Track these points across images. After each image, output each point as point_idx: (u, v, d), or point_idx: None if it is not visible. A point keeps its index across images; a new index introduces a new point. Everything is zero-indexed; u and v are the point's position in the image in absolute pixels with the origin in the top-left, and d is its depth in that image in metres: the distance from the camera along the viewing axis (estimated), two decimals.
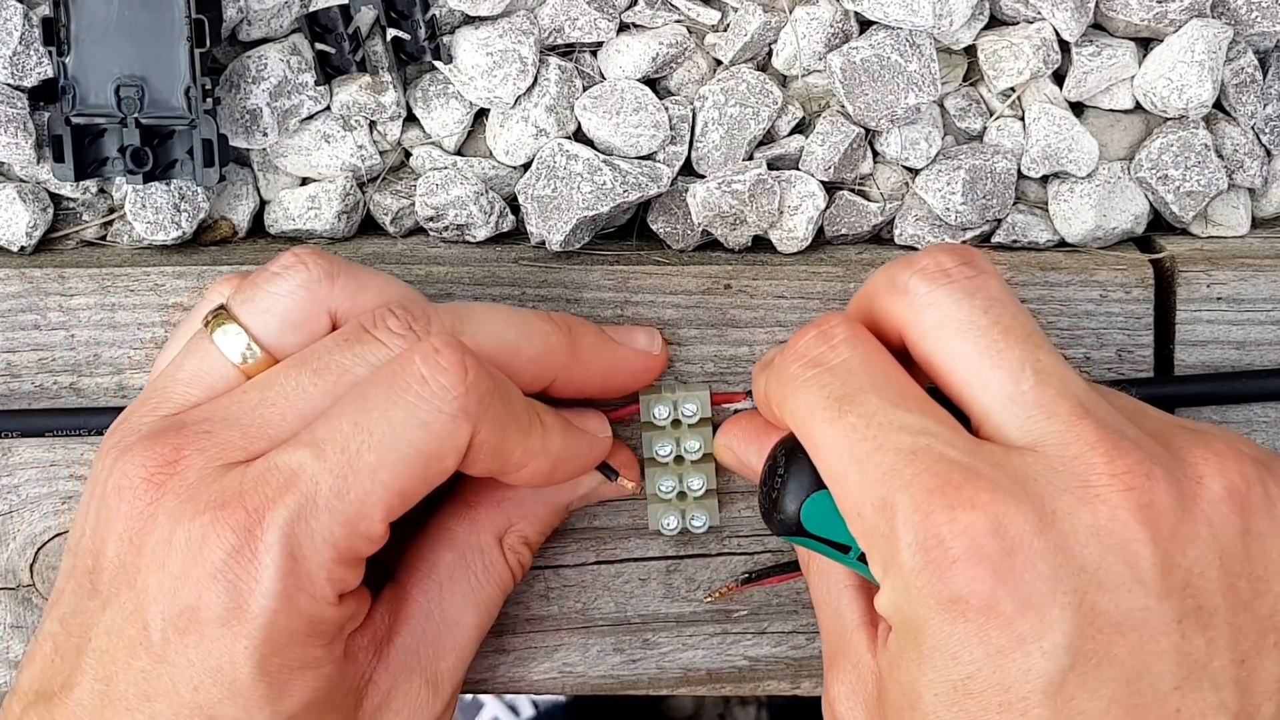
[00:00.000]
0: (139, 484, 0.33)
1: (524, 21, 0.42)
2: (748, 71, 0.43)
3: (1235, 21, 0.43)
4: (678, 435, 0.41)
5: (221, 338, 0.36)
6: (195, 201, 0.43)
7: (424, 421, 0.33)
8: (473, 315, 0.36)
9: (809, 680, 0.43)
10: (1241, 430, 0.42)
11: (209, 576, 0.32)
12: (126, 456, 0.34)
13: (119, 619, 0.33)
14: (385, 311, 0.35)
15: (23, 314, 0.42)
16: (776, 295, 0.42)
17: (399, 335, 0.35)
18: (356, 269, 0.37)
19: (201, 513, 0.32)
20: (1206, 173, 0.43)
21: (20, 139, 0.42)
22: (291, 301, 0.36)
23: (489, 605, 0.39)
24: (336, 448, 0.33)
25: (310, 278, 0.36)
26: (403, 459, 0.33)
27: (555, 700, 1.15)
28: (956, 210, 0.43)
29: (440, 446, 0.33)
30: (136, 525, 0.33)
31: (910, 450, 0.32)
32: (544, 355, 0.37)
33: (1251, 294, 0.42)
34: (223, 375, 0.36)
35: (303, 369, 0.35)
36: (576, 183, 0.42)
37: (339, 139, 0.44)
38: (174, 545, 0.33)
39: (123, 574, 0.33)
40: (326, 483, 0.33)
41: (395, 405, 0.33)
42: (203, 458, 0.33)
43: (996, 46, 0.43)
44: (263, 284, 0.36)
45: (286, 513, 0.32)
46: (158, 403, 0.36)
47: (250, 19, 0.42)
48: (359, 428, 0.33)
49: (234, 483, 0.33)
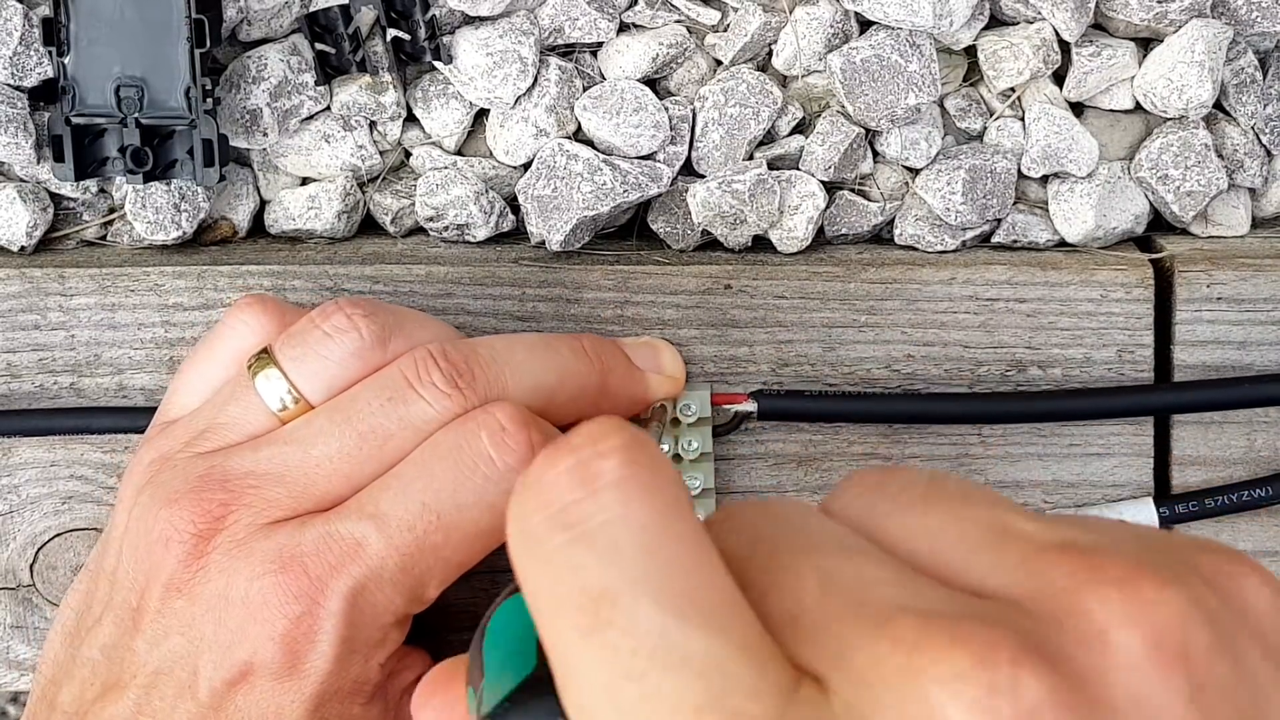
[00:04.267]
0: (188, 537, 0.34)
1: (524, 22, 0.42)
2: (748, 72, 0.43)
3: (1235, 21, 0.43)
4: (676, 434, 0.41)
5: (264, 384, 0.35)
6: (195, 201, 0.43)
7: (491, 504, 0.33)
8: (513, 360, 0.36)
9: None
10: (1242, 431, 0.42)
11: (268, 638, 0.33)
12: (173, 508, 0.34)
13: (168, 661, 0.33)
14: (428, 362, 0.35)
15: (23, 314, 0.42)
16: (776, 295, 0.42)
17: (444, 394, 0.35)
18: (405, 323, 0.36)
19: (261, 575, 0.33)
20: (1206, 173, 0.43)
21: (20, 139, 0.42)
22: (341, 370, 0.35)
23: None
24: (404, 526, 0.33)
25: (364, 345, 0.36)
26: (467, 538, 0.34)
27: None
28: (956, 210, 0.43)
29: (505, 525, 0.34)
30: (186, 576, 0.34)
31: (694, 706, 0.19)
32: (578, 397, 0.37)
33: (1251, 294, 0.42)
34: (259, 422, 0.36)
35: (346, 429, 0.34)
36: (576, 183, 0.42)
37: (339, 139, 0.43)
38: (231, 601, 0.33)
39: (174, 619, 0.34)
40: (393, 560, 0.33)
41: (463, 488, 0.33)
42: (249, 514, 0.34)
43: (996, 46, 0.43)
44: (313, 345, 0.36)
45: (350, 583, 0.33)
46: (191, 439, 0.36)
47: (250, 19, 0.42)
48: (426, 509, 0.33)
49: (290, 543, 0.33)
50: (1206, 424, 0.42)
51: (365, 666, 0.34)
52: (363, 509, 0.34)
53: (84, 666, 0.35)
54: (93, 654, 0.35)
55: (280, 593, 0.33)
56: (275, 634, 0.33)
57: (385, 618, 0.34)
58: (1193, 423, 0.42)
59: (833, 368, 0.42)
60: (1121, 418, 0.42)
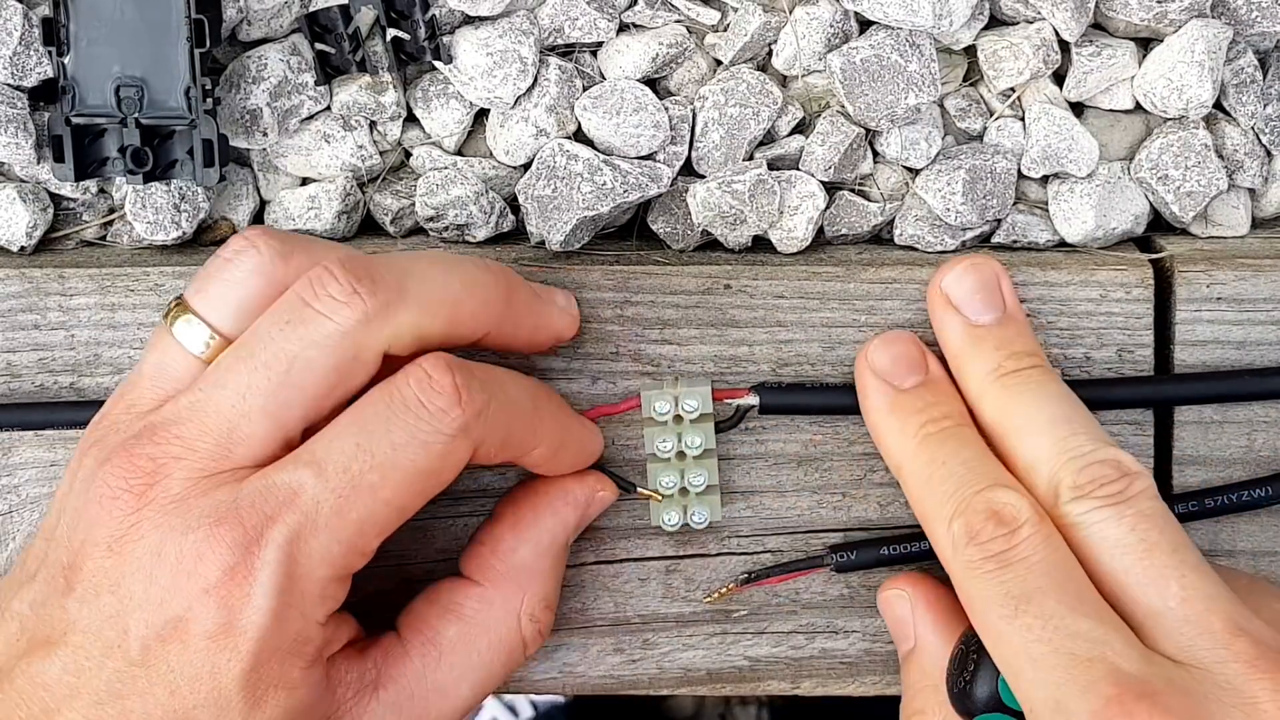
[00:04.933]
0: (121, 494, 0.33)
1: (524, 21, 0.42)
2: (748, 72, 0.43)
3: (1235, 21, 0.43)
4: (679, 430, 0.41)
5: (182, 329, 0.36)
6: (195, 201, 0.43)
7: (425, 442, 0.34)
8: (416, 271, 0.36)
9: (809, 680, 0.43)
10: (1242, 431, 0.42)
11: (202, 591, 0.32)
12: (106, 467, 0.34)
13: (97, 620, 0.33)
14: (324, 275, 0.34)
15: (23, 314, 0.42)
16: (776, 295, 0.42)
17: (342, 303, 0.34)
18: (309, 243, 0.36)
19: (195, 528, 0.33)
20: (1206, 173, 0.43)
21: (20, 139, 0.42)
22: (245, 289, 0.35)
23: (489, 679, 0.39)
24: (338, 468, 0.33)
25: (263, 260, 0.36)
26: (405, 477, 0.34)
27: (554, 700, 1.15)
28: (956, 210, 0.43)
29: (441, 464, 0.34)
30: (119, 533, 0.33)
31: (1086, 658, 0.33)
32: (484, 308, 0.37)
33: (1251, 294, 0.42)
34: (186, 367, 0.36)
35: (250, 362, 0.34)
36: (576, 183, 0.42)
37: (339, 139, 0.44)
38: (164, 557, 0.33)
39: (104, 577, 0.33)
40: (328, 502, 0.33)
41: (395, 427, 0.34)
42: (181, 467, 0.33)
43: (996, 46, 0.43)
44: (215, 273, 0.36)
45: (286, 531, 0.33)
46: (131, 399, 0.36)
47: (250, 19, 0.42)
48: (360, 448, 0.33)
49: (227, 497, 0.33)
50: (1206, 424, 0.42)
51: (305, 623, 0.33)
52: (299, 458, 0.33)
53: (12, 621, 0.34)
54: (22, 609, 0.34)
55: (215, 545, 0.32)
56: (209, 586, 0.32)
57: (323, 569, 0.33)
58: (1193, 422, 0.42)
59: (832, 367, 0.42)
60: (1121, 408, 0.42)
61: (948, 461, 0.37)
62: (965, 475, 0.37)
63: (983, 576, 0.35)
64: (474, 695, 0.38)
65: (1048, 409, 0.38)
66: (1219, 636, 0.33)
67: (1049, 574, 0.34)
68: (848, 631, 0.43)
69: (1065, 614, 0.33)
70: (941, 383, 0.40)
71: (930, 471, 0.38)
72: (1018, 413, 0.38)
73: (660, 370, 0.42)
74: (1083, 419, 0.37)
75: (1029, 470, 0.37)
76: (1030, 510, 0.35)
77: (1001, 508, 0.35)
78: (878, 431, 0.40)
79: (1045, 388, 0.38)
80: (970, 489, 0.36)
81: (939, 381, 0.40)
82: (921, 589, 0.41)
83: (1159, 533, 0.35)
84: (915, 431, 0.38)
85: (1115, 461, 0.36)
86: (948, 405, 0.39)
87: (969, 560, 0.35)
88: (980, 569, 0.35)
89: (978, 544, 0.35)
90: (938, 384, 0.40)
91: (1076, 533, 0.35)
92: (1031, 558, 0.35)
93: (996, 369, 0.39)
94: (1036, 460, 0.37)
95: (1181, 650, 0.33)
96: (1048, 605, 0.34)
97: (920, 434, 0.38)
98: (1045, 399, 0.38)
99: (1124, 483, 0.35)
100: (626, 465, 0.42)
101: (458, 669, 0.38)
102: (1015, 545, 0.35)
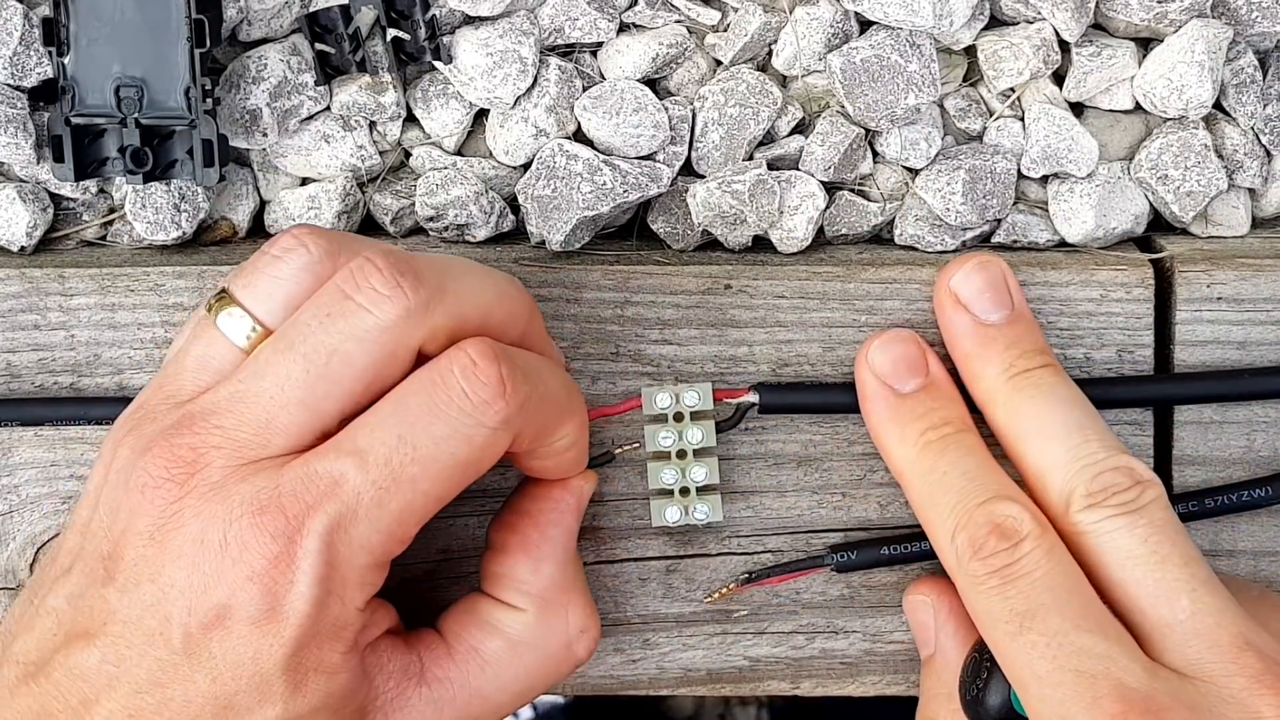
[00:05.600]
0: (163, 483, 0.33)
1: (524, 22, 0.42)
2: (748, 72, 0.43)
3: (1235, 21, 0.43)
4: (680, 428, 0.41)
5: (226, 321, 0.36)
6: (195, 201, 0.43)
7: (467, 436, 0.34)
8: (454, 272, 0.36)
9: (809, 680, 0.43)
10: (1242, 431, 0.42)
11: (246, 579, 0.33)
12: (147, 456, 0.34)
13: (138, 609, 0.33)
14: (366, 266, 0.34)
15: (23, 314, 0.42)
16: (776, 295, 0.42)
17: (385, 296, 0.34)
18: (356, 242, 0.37)
19: (238, 517, 0.33)
20: (1206, 173, 0.43)
21: (20, 139, 0.42)
22: (294, 285, 0.35)
23: (530, 691, 0.39)
24: (380, 460, 0.33)
25: (312, 259, 0.36)
26: (445, 469, 0.34)
27: (554, 701, 1.15)
28: (956, 210, 0.43)
29: (481, 455, 0.34)
30: (160, 521, 0.33)
31: (1091, 673, 0.33)
32: (510, 321, 0.37)
33: (1251, 294, 0.42)
34: (229, 359, 0.36)
35: (291, 354, 0.34)
36: (576, 183, 0.42)
37: (339, 139, 0.44)
38: (207, 545, 0.33)
39: (145, 566, 0.33)
40: (369, 493, 0.33)
41: (438, 420, 0.34)
42: (221, 455, 0.34)
43: (996, 46, 0.43)
44: (264, 268, 0.36)
45: (327, 520, 0.33)
46: (171, 390, 0.36)
47: (250, 19, 0.42)
48: (403, 441, 0.33)
49: (268, 484, 0.33)
50: (1206, 424, 0.42)
51: (344, 609, 0.34)
52: (340, 447, 0.33)
53: (48, 616, 0.34)
54: (58, 603, 0.34)
55: (258, 533, 0.33)
56: (253, 574, 0.32)
57: (362, 557, 0.33)
58: (1193, 422, 0.42)
59: (832, 367, 0.42)
60: (1121, 408, 0.42)
61: (949, 472, 0.37)
62: (966, 486, 0.37)
63: (987, 592, 0.35)
64: (513, 705, 0.39)
65: (1060, 413, 0.38)
66: (1226, 650, 0.33)
67: (1052, 589, 0.34)
68: (848, 632, 0.43)
69: (1069, 630, 0.34)
70: (942, 385, 0.40)
71: (932, 481, 0.38)
72: (1029, 417, 0.38)
73: (660, 370, 0.42)
74: (1094, 424, 0.38)
75: (1040, 476, 0.37)
76: (1032, 522, 0.35)
77: (1003, 520, 0.35)
78: (878, 437, 0.40)
79: (1057, 390, 0.38)
80: (972, 501, 0.36)
81: (940, 384, 0.40)
82: (946, 597, 0.41)
83: (1171, 545, 0.35)
84: (916, 439, 0.38)
85: (1128, 469, 0.36)
86: (948, 410, 0.39)
87: (973, 575, 0.35)
88: (984, 584, 0.35)
89: (980, 559, 0.35)
90: (938, 387, 0.40)
91: (1088, 540, 0.35)
92: (1035, 572, 0.35)
93: (1008, 369, 0.39)
94: (1049, 467, 0.37)
95: (1188, 663, 0.33)
96: (1052, 621, 0.34)
97: (921, 441, 0.38)
98: (1057, 402, 0.38)
99: (1136, 491, 0.35)
100: (627, 465, 0.42)
101: (501, 679, 0.38)
102: (1018, 560, 0.35)
